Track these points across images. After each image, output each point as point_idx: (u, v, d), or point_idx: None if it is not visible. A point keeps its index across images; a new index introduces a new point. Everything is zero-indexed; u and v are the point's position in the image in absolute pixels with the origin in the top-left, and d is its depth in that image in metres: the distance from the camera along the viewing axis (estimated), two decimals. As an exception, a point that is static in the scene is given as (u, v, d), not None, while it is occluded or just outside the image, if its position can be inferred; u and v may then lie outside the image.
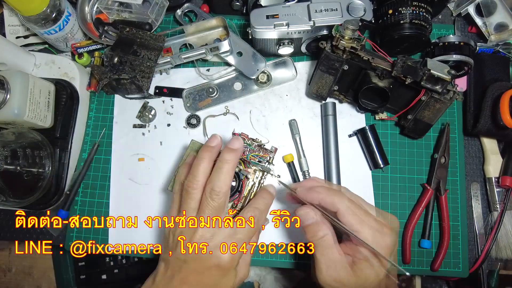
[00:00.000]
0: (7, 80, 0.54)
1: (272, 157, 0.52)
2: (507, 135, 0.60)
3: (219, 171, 0.44)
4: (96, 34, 0.66)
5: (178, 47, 0.68)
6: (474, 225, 0.63)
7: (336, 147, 0.62)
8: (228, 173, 0.44)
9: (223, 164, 0.44)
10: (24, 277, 0.92)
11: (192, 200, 0.44)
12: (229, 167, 0.44)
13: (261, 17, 0.58)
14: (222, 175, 0.44)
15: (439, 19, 0.71)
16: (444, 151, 0.62)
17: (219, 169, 0.44)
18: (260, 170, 0.50)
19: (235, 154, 0.45)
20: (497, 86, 0.60)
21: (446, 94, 0.53)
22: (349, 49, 0.53)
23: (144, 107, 0.67)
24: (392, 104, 0.60)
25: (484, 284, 0.63)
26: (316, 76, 0.59)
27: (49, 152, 0.59)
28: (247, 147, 0.50)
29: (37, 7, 0.58)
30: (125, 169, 0.65)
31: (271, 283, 0.80)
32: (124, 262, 0.83)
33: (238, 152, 0.46)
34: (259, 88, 0.67)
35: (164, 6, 0.66)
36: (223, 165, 0.44)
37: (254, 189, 0.50)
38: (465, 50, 0.60)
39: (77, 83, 0.65)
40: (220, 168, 0.44)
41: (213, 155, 0.46)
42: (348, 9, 0.58)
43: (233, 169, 0.45)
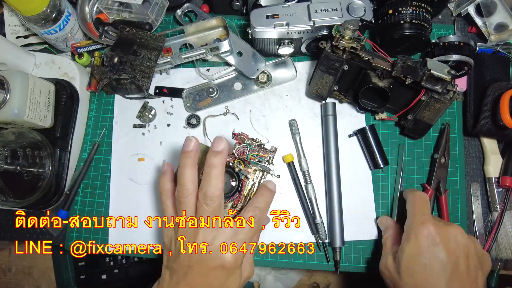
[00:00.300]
0: (7, 80, 0.54)
1: (272, 157, 0.52)
2: (507, 135, 0.60)
3: (208, 177, 0.44)
4: (96, 34, 0.66)
5: (178, 47, 0.68)
6: (474, 225, 0.63)
7: (336, 147, 0.62)
8: (218, 177, 0.44)
9: (210, 169, 0.44)
10: (24, 277, 0.92)
11: (187, 208, 0.44)
12: (218, 171, 0.44)
13: (261, 17, 0.58)
14: (213, 180, 0.43)
15: (439, 19, 0.71)
16: (444, 151, 0.62)
17: (208, 175, 0.44)
18: (260, 170, 0.50)
19: (221, 156, 0.44)
20: (497, 86, 0.60)
21: (446, 94, 0.54)
22: (349, 49, 0.53)
23: (144, 107, 0.67)
24: (392, 104, 0.60)
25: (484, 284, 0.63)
26: (316, 76, 0.59)
27: (49, 152, 0.59)
28: (247, 147, 0.50)
29: (37, 7, 0.58)
30: (125, 169, 0.65)
31: (271, 283, 0.80)
32: (124, 262, 0.83)
33: (224, 153, 0.44)
34: (259, 88, 0.67)
35: (164, 6, 0.66)
36: (211, 170, 0.44)
37: (254, 188, 0.50)
38: (465, 50, 0.60)
39: (77, 83, 0.65)
40: (209, 174, 0.44)
41: (193, 160, 0.45)
42: (348, 9, 0.58)
43: (222, 172, 0.44)
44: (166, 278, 0.45)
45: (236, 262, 0.44)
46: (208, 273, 0.43)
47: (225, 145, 0.44)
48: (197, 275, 0.43)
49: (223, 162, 0.44)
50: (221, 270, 0.43)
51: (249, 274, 0.48)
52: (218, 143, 0.44)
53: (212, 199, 0.43)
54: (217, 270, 0.43)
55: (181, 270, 0.44)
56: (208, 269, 0.43)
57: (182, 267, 0.44)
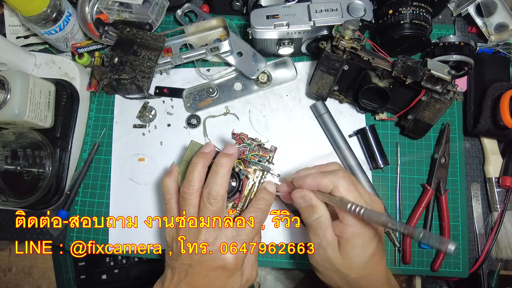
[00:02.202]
0: (7, 80, 0.54)
1: (272, 156, 0.52)
2: (507, 135, 0.60)
3: (215, 175, 0.45)
4: (96, 34, 0.66)
5: (178, 47, 0.68)
6: (474, 225, 0.63)
7: (344, 140, 0.62)
8: (224, 176, 0.45)
9: (218, 168, 0.45)
10: (24, 277, 0.92)
11: (190, 206, 0.45)
12: (225, 171, 0.45)
13: (261, 17, 0.58)
14: (219, 179, 0.44)
15: (439, 19, 0.71)
16: (444, 151, 0.62)
17: (215, 173, 0.45)
18: (260, 169, 0.50)
19: (230, 158, 0.46)
20: (497, 86, 0.60)
21: (446, 94, 0.54)
22: (349, 49, 0.53)
23: (144, 107, 0.67)
24: (392, 104, 0.60)
25: (484, 284, 0.63)
26: (316, 76, 0.59)
27: (49, 152, 0.59)
28: (247, 147, 0.50)
29: (38, 7, 0.58)
30: (125, 169, 0.65)
31: (271, 283, 0.80)
32: (124, 262, 0.83)
33: (233, 157, 0.46)
34: (259, 88, 0.67)
35: (164, 6, 0.66)
36: (219, 169, 0.45)
37: (254, 188, 0.50)
38: (465, 50, 0.60)
39: (77, 83, 0.65)
40: (216, 172, 0.45)
41: (206, 161, 0.47)
42: (348, 9, 0.58)
43: (228, 173, 0.45)
44: (168, 277, 0.46)
45: (237, 263, 0.44)
46: (209, 273, 0.43)
47: (235, 151, 0.47)
48: (198, 275, 0.43)
49: (231, 164, 0.46)
50: (222, 271, 0.43)
51: (251, 276, 0.48)
52: (229, 148, 0.47)
53: (216, 199, 0.44)
54: (217, 271, 0.43)
55: (182, 269, 0.44)
56: (209, 269, 0.43)
57: (183, 266, 0.44)
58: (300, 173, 0.49)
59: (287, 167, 0.64)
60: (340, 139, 0.62)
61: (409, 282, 0.74)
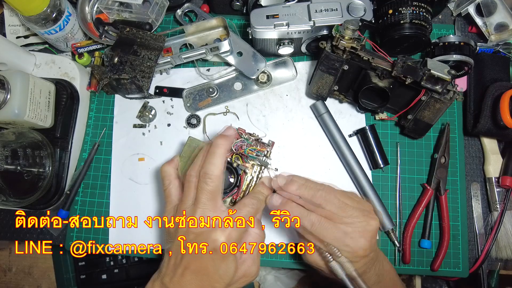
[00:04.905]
0: (7, 80, 0.54)
1: (269, 151, 0.52)
2: (507, 135, 0.60)
3: (211, 155, 0.46)
4: (96, 34, 0.66)
5: (178, 47, 0.68)
6: (474, 225, 0.63)
7: (344, 140, 0.62)
8: (221, 156, 0.45)
9: (214, 148, 0.46)
10: (24, 277, 0.92)
11: (190, 189, 0.46)
12: (221, 151, 0.46)
13: (261, 17, 0.58)
14: (214, 159, 0.45)
15: (439, 19, 0.71)
16: (444, 151, 0.62)
17: (211, 154, 0.46)
18: (258, 164, 0.51)
19: (228, 139, 0.47)
20: (497, 86, 0.60)
21: (446, 94, 0.54)
22: (349, 49, 0.53)
23: (144, 107, 0.67)
24: (392, 104, 0.60)
25: (484, 284, 0.63)
26: (316, 76, 0.59)
27: (49, 152, 0.59)
28: (244, 142, 0.50)
29: (38, 7, 0.58)
30: (125, 169, 0.65)
31: (271, 283, 0.80)
32: (124, 262, 0.83)
33: (230, 138, 0.48)
34: (259, 88, 0.67)
35: (164, 6, 0.66)
36: (215, 149, 0.46)
37: (252, 183, 0.51)
38: (465, 50, 0.60)
39: (77, 83, 0.65)
40: (212, 153, 0.46)
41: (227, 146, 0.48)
42: (348, 9, 0.58)
43: (224, 153, 0.46)
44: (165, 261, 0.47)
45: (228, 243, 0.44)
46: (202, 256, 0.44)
47: (233, 133, 0.48)
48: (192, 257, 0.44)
49: (228, 146, 0.47)
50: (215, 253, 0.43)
51: (251, 272, 0.47)
52: (227, 130, 0.48)
53: (211, 177, 0.44)
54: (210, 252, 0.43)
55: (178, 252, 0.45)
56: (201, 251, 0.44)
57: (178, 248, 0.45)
58: None
59: (287, 167, 0.64)
60: (340, 139, 0.62)
61: (409, 282, 0.74)
